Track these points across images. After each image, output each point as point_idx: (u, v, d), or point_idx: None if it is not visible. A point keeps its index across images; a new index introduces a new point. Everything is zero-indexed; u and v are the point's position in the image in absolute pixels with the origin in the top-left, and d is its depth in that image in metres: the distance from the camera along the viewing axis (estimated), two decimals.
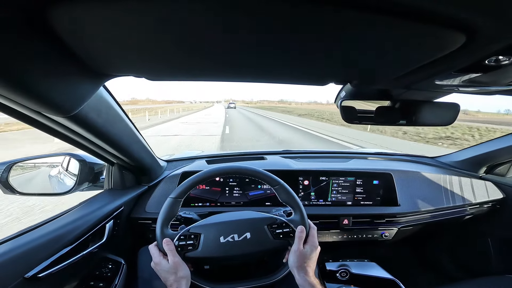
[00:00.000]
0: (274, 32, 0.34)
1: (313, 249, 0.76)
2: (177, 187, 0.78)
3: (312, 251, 0.75)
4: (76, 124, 0.61)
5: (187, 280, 0.70)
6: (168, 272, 0.70)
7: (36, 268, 0.65)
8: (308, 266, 0.73)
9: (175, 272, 0.70)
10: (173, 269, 0.70)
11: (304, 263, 0.73)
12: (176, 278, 0.69)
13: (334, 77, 0.56)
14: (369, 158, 1.54)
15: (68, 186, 0.99)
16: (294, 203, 0.79)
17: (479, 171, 1.40)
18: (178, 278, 0.69)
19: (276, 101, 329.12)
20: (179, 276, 0.69)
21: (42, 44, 0.37)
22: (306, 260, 0.74)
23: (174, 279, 0.69)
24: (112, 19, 0.31)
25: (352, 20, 0.31)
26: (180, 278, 0.69)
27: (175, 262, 0.71)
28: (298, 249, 0.74)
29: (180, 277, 0.69)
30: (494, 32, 0.33)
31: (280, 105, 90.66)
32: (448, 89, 0.66)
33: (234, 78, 0.55)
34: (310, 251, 0.75)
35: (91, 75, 0.48)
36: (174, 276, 0.70)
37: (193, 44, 0.38)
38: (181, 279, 0.69)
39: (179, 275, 0.70)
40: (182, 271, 0.70)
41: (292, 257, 0.75)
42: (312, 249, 0.75)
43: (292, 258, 0.74)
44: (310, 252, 0.75)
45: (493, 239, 1.41)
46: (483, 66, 0.44)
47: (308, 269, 0.73)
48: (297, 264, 0.73)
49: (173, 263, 0.70)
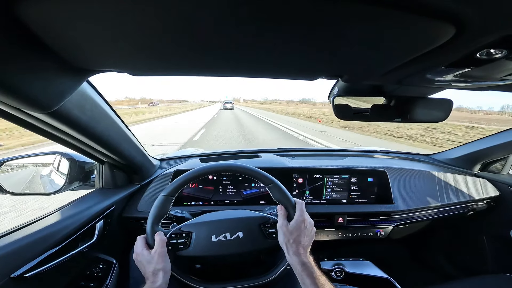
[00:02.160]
0: (262, 26, 0.33)
1: (299, 222, 0.72)
2: (169, 184, 0.77)
3: (298, 224, 0.71)
4: (59, 121, 0.60)
5: (164, 273, 0.67)
6: (147, 262, 0.68)
7: (23, 268, 0.63)
8: (295, 242, 0.69)
9: (154, 263, 0.67)
10: (153, 259, 0.68)
11: (292, 238, 0.70)
12: (154, 270, 0.67)
13: (324, 72, 0.55)
14: (364, 156, 1.53)
15: (58, 185, 0.98)
16: (287, 202, 0.77)
17: (474, 169, 1.40)
18: (156, 270, 0.67)
19: (297, 101, 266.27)
20: (157, 268, 0.67)
21: (15, 39, 0.35)
22: (294, 235, 0.70)
23: (152, 271, 0.67)
24: (82, 12, 0.30)
25: (339, 12, 0.30)
26: (158, 270, 0.67)
27: (159, 252, 0.69)
28: (282, 224, 0.72)
29: (158, 269, 0.67)
30: (484, 24, 0.32)
31: (303, 107, 66.27)
32: (440, 84, 0.65)
33: (220, 73, 0.54)
34: (296, 224, 0.71)
35: (71, 70, 0.47)
36: (152, 267, 0.67)
37: (177, 37, 0.37)
38: (159, 271, 0.66)
39: (157, 267, 0.67)
40: (161, 263, 0.68)
41: (279, 234, 0.72)
42: (298, 222, 0.71)
43: (279, 236, 0.72)
44: (297, 225, 0.71)
45: (488, 237, 1.41)
46: (474, 59, 0.43)
47: (296, 245, 0.69)
48: (285, 240, 0.70)
49: (156, 254, 0.68)
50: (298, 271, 0.65)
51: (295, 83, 64.15)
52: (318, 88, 39.97)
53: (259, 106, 75.66)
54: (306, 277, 0.63)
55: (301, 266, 0.65)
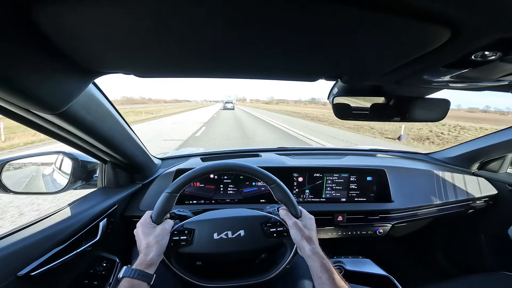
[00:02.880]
0: (263, 28, 0.34)
1: (311, 220, 0.76)
2: (173, 182, 0.77)
3: (311, 222, 0.76)
4: (66, 121, 0.61)
5: (159, 247, 0.67)
6: (146, 234, 0.69)
7: (29, 267, 0.64)
8: (311, 238, 0.71)
9: (152, 236, 0.68)
10: (153, 232, 0.69)
11: (308, 233, 0.72)
12: (149, 243, 0.67)
13: (324, 73, 0.56)
14: (363, 155, 1.54)
15: (61, 184, 0.98)
16: (289, 203, 0.78)
17: (472, 167, 1.41)
18: (152, 243, 0.66)
19: (305, 100, 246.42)
20: (153, 241, 0.67)
21: (27, 41, 0.36)
22: (309, 230, 0.73)
23: (146, 243, 0.67)
24: (96, 17, 0.31)
25: (338, 16, 0.31)
26: (153, 244, 0.67)
27: (162, 228, 0.70)
28: (294, 222, 0.74)
29: (154, 242, 0.67)
30: (478, 27, 0.33)
31: (311, 107, 63.04)
32: (438, 85, 0.66)
33: (223, 75, 0.55)
34: (309, 222, 0.75)
35: (79, 72, 0.48)
36: (148, 240, 0.67)
37: (181, 40, 0.38)
38: (154, 244, 0.66)
39: (154, 240, 0.67)
40: (158, 236, 0.68)
41: (293, 231, 0.73)
42: (310, 220, 0.76)
43: (294, 232, 0.72)
44: (309, 221, 0.76)
45: (486, 235, 1.43)
46: (470, 61, 0.44)
47: (314, 240, 0.71)
48: (303, 236, 0.71)
49: (159, 228, 0.70)
50: (317, 265, 0.65)
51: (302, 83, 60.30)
52: (328, 88, 38.11)
53: (264, 106, 69.42)
54: (324, 272, 0.63)
55: (320, 260, 0.66)
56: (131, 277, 0.59)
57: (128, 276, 0.60)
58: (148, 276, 0.61)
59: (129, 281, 0.59)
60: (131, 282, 0.59)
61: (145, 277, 0.61)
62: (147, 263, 0.63)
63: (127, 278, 0.59)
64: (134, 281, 0.59)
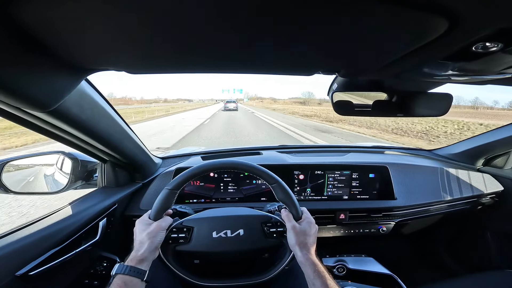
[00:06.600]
0: (257, 21, 0.33)
1: (310, 224, 0.74)
2: (174, 179, 0.76)
3: (310, 226, 0.74)
4: (59, 119, 0.60)
5: (151, 244, 0.67)
6: (142, 230, 0.69)
7: (27, 266, 0.64)
8: (308, 243, 0.70)
9: (147, 233, 0.68)
10: (148, 228, 0.69)
11: (305, 240, 0.71)
12: (141, 239, 0.67)
13: (320, 67, 0.55)
14: (365, 151, 1.53)
15: (62, 184, 0.99)
16: (290, 203, 0.77)
17: (477, 164, 1.39)
18: (144, 239, 0.67)
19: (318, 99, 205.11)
20: (146, 237, 0.67)
21: (13, 39, 0.36)
22: (306, 237, 0.71)
23: (140, 240, 0.67)
24: (78, 11, 0.31)
25: (333, 6, 0.30)
26: (146, 240, 0.67)
27: (158, 225, 0.70)
28: (293, 225, 0.73)
29: (147, 239, 0.67)
30: (477, 17, 0.32)
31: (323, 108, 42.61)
32: (440, 78, 0.65)
33: (216, 69, 0.54)
34: (308, 226, 0.73)
35: (69, 69, 0.48)
36: (141, 235, 0.68)
37: (173, 35, 0.37)
38: (146, 241, 0.67)
39: (147, 236, 0.67)
40: (151, 233, 0.68)
41: (290, 234, 0.72)
42: (309, 225, 0.74)
43: (290, 236, 0.72)
44: (308, 227, 0.73)
45: (492, 232, 1.40)
46: (470, 53, 0.43)
47: (309, 246, 0.70)
48: (298, 241, 0.70)
49: (155, 224, 0.70)
50: (310, 271, 0.65)
51: (311, 79, 52.81)
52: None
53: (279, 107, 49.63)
54: (317, 278, 0.63)
55: (313, 266, 0.66)
56: (123, 274, 0.60)
57: (120, 273, 0.60)
58: (140, 272, 0.62)
59: (122, 277, 0.60)
60: (123, 278, 0.60)
61: (137, 273, 0.61)
62: (138, 259, 0.64)
63: (119, 275, 0.60)
64: (126, 278, 0.60)
